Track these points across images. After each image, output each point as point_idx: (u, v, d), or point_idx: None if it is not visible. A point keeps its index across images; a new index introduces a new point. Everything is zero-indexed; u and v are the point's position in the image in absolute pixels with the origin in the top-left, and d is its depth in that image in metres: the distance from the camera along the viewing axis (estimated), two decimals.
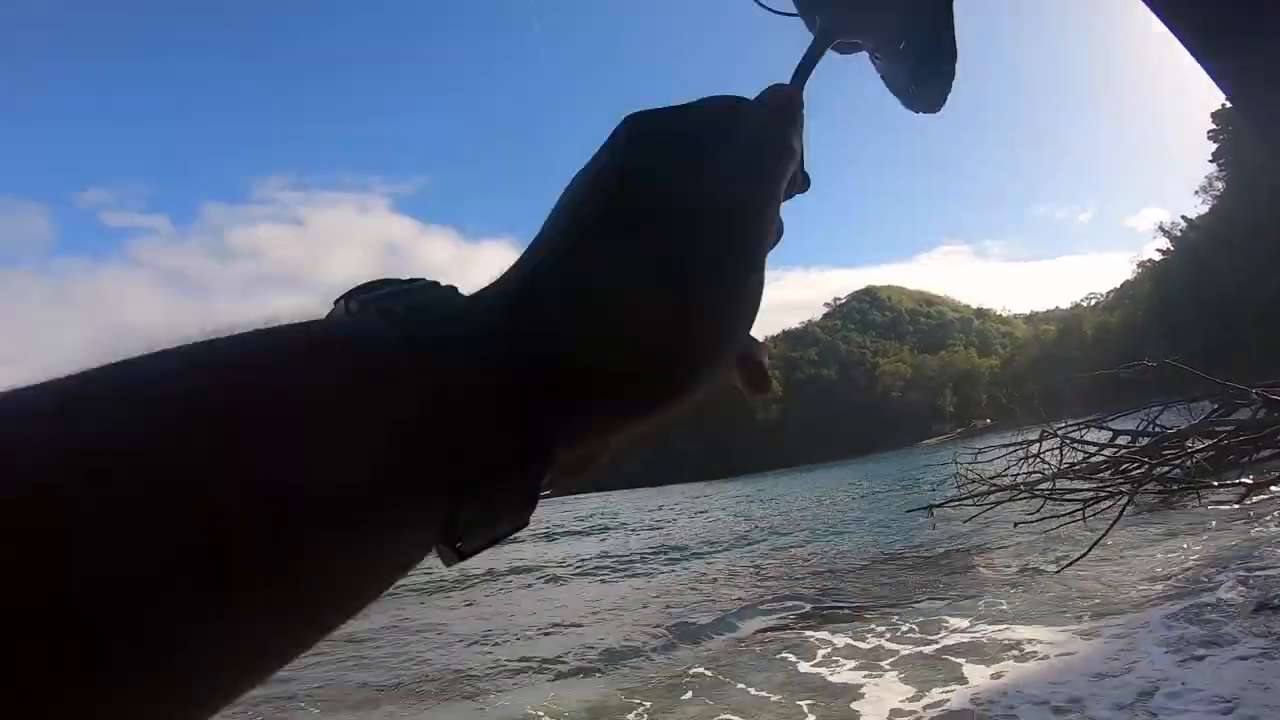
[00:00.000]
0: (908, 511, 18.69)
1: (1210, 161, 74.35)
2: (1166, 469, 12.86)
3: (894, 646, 8.35)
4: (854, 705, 6.78)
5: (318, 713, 8.44)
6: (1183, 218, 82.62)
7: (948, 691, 6.72)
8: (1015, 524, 14.92)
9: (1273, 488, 12.26)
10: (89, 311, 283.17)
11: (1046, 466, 16.92)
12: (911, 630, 8.76)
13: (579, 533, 32.65)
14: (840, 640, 8.80)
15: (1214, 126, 70.78)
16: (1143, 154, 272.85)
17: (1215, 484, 11.96)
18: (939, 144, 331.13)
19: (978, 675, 6.93)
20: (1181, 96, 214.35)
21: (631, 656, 9.46)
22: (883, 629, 9.04)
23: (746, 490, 56.94)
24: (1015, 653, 7.29)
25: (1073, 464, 16.11)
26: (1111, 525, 9.80)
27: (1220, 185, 73.35)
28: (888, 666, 7.69)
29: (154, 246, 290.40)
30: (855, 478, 53.60)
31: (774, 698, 7.26)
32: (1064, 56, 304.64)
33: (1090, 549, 9.67)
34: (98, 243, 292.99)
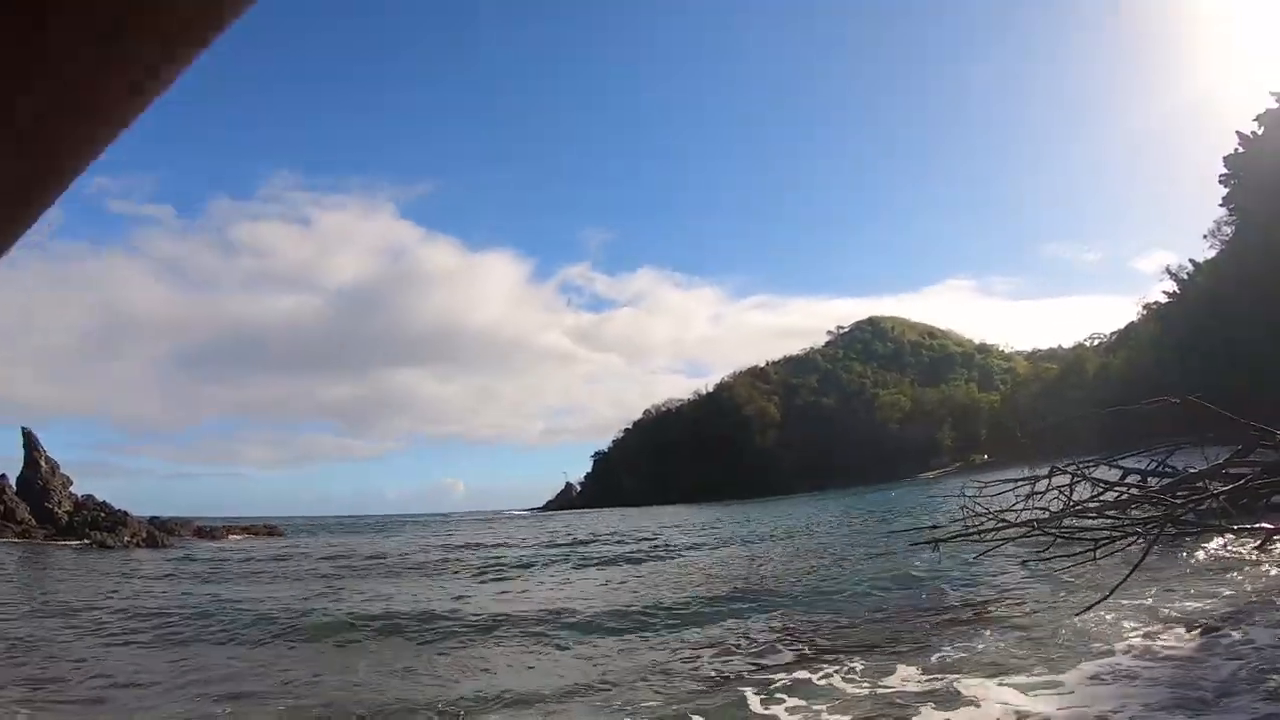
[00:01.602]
0: (912, 545, 18.33)
1: (1220, 206, 74.36)
2: (1184, 511, 12.51)
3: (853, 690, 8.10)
4: None
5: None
6: (1190, 261, 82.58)
7: None
8: (1024, 562, 14.63)
9: None
10: (87, 295, 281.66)
11: (1054, 503, 16.56)
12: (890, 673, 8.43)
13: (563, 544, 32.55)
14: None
15: (1225, 171, 70.79)
16: (1152, 196, 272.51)
17: (1234, 527, 11.63)
18: (948, 177, 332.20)
19: None
20: (1194, 140, 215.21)
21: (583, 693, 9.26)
22: (849, 672, 8.74)
23: (735, 516, 56.59)
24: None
25: (1081, 502, 15.73)
26: (1134, 568, 9.44)
27: (1229, 230, 73.29)
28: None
29: (157, 236, 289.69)
30: (851, 508, 53.29)
31: None
32: (1079, 97, 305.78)
33: (1112, 593, 9.31)
34: (101, 229, 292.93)
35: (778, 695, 8.20)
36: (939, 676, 8.06)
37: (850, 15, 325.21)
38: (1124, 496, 15.35)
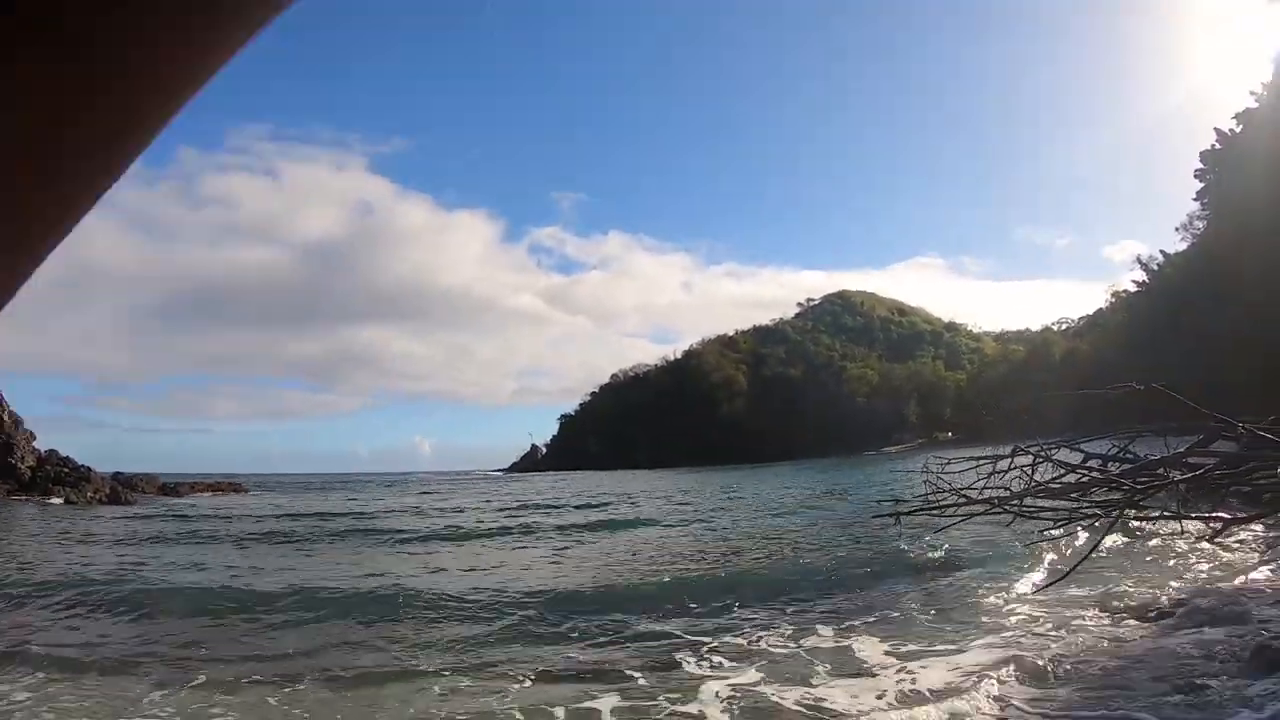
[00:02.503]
0: (874, 517, 18.49)
1: (1194, 200, 75.06)
2: (1143, 497, 12.64)
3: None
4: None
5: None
6: (1161, 252, 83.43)
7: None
8: (983, 539, 14.80)
9: (1246, 525, 12.12)
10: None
11: (1016, 483, 16.69)
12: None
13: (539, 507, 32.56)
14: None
15: (1201, 166, 71.38)
16: (1127, 187, 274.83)
17: (1191, 516, 11.76)
18: (923, 154, 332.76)
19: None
20: (1173, 134, 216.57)
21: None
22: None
23: (699, 484, 56.88)
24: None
25: (1043, 483, 15.87)
26: (1089, 552, 9.52)
27: (1201, 225, 74.04)
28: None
29: (124, 187, 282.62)
30: (815, 478, 53.69)
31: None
32: (1058, 81, 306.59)
33: (1067, 574, 9.41)
34: None
35: (706, 655, 8.31)
36: (857, 643, 8.19)
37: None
38: (1085, 479, 15.47)
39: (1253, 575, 10.06)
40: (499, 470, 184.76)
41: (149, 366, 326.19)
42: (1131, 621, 8.26)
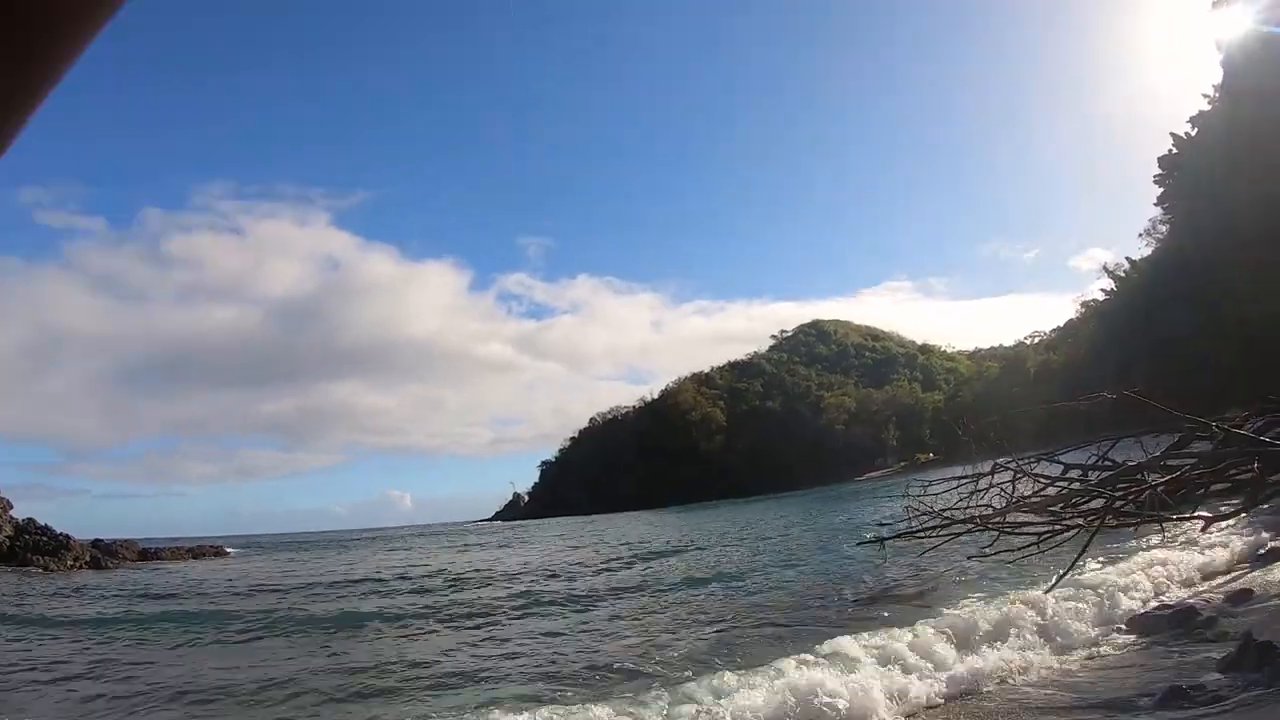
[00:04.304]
0: (858, 544, 18.32)
1: (1155, 205, 76.05)
2: (1124, 503, 12.57)
3: None
4: None
5: None
6: (1126, 259, 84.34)
7: None
8: (969, 558, 14.65)
9: (1227, 522, 12.06)
10: (20, 311, 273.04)
11: (997, 500, 16.60)
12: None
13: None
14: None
15: (1160, 171, 72.48)
16: (1089, 196, 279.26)
17: (1173, 517, 11.70)
18: (883, 180, 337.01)
19: None
20: (1129, 140, 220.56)
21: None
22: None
23: (682, 524, 56.53)
24: None
25: (1024, 498, 15.78)
26: (1074, 562, 9.41)
27: (1164, 228, 74.96)
28: None
29: (90, 249, 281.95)
30: (799, 510, 53.48)
31: None
32: (1011, 97, 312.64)
33: (1053, 586, 9.27)
34: (31, 242, 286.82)
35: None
36: (849, 663, 7.98)
37: (782, 30, 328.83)
38: (1066, 491, 15.39)
39: (1235, 572, 9.97)
40: (481, 520, 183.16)
41: (119, 431, 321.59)
42: (1121, 627, 8.13)
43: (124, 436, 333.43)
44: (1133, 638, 7.87)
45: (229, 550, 62.00)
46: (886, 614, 11.08)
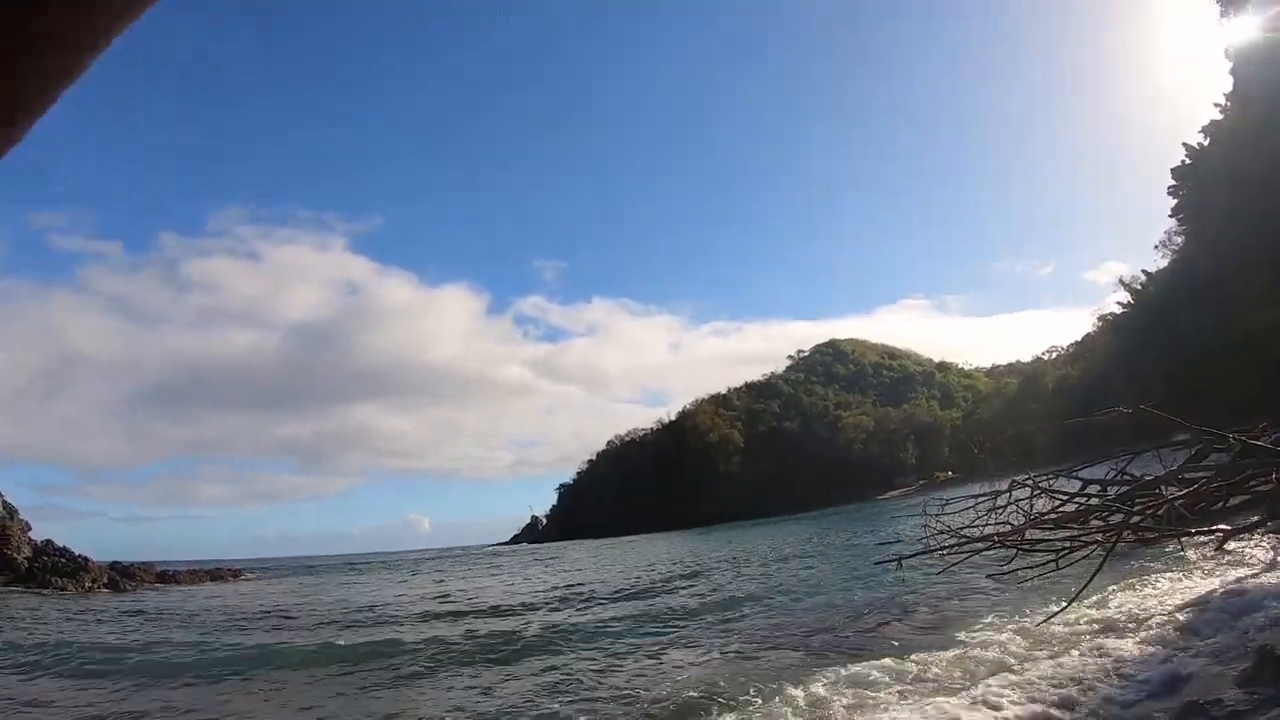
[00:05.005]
0: (876, 563, 18.22)
1: (1170, 217, 75.51)
2: (1141, 517, 12.49)
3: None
4: None
5: None
6: (1143, 271, 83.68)
7: None
8: (987, 576, 14.55)
9: (1247, 535, 11.93)
10: (35, 335, 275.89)
11: (1015, 517, 16.53)
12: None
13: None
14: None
15: (1174, 183, 72.05)
16: (1104, 209, 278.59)
17: (1192, 531, 11.60)
18: (898, 198, 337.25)
19: None
20: (1143, 152, 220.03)
21: None
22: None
23: (703, 546, 56.27)
24: None
25: (1042, 514, 15.70)
26: (1091, 577, 9.34)
27: (1179, 240, 74.41)
28: None
29: (104, 273, 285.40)
30: (817, 530, 53.20)
31: None
32: (1025, 112, 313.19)
33: (1071, 602, 9.21)
34: (47, 266, 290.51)
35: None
36: (877, 690, 7.92)
37: (799, 48, 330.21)
38: (1083, 507, 15.30)
39: (1255, 583, 9.84)
40: (501, 543, 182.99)
41: (135, 453, 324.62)
42: (1138, 641, 8.04)
43: (141, 459, 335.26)
44: (1150, 650, 7.79)
45: (246, 574, 62.01)
46: (898, 641, 10.98)
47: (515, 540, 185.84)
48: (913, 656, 9.45)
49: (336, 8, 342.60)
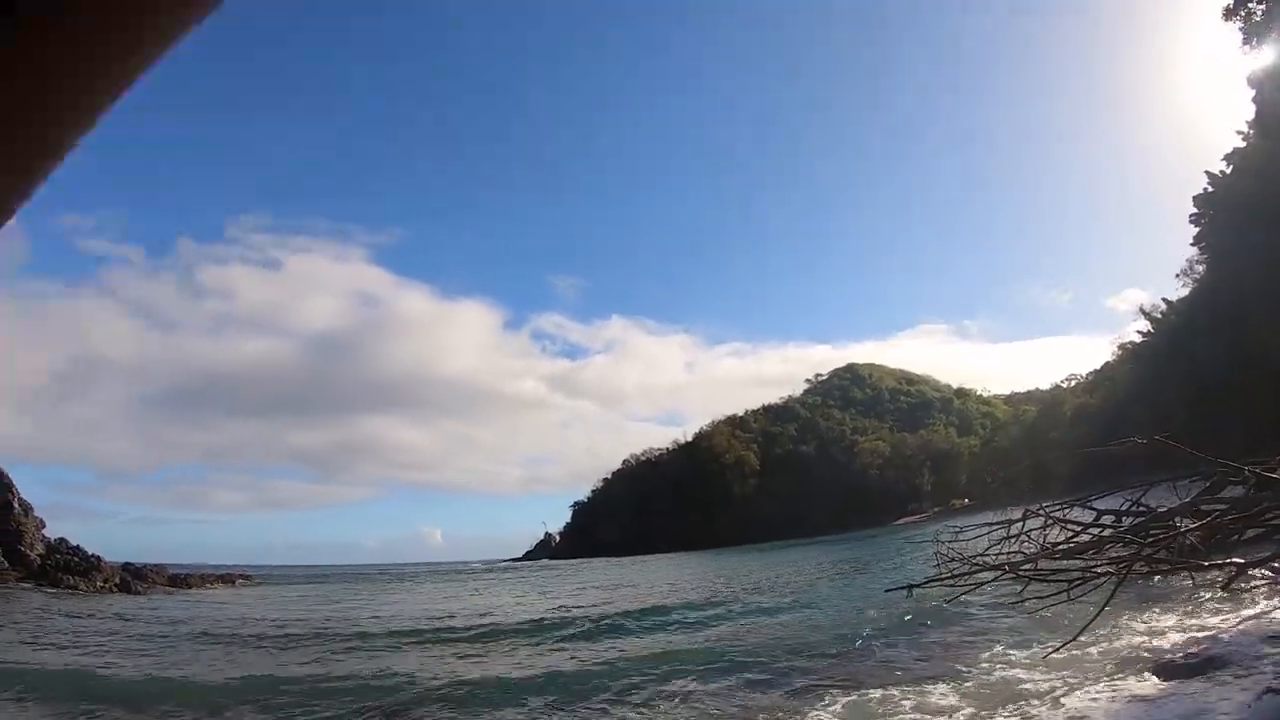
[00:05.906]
0: (887, 591, 18.11)
1: (1191, 245, 75.03)
2: (1155, 549, 12.36)
3: None
4: None
5: None
6: (1163, 299, 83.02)
7: None
8: (998, 605, 14.44)
9: (1261, 569, 11.80)
10: (58, 335, 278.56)
11: (1028, 546, 16.43)
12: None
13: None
14: None
15: (1195, 210, 71.63)
16: (1124, 237, 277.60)
17: (1205, 564, 11.46)
18: (918, 223, 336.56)
19: None
20: (1165, 179, 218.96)
21: None
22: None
23: (716, 568, 56.11)
24: None
25: (1056, 544, 15.59)
26: (1101, 609, 9.24)
27: (1201, 269, 73.89)
28: None
29: (126, 277, 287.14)
30: (830, 556, 52.95)
31: None
32: (1048, 138, 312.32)
33: (1079, 634, 9.12)
34: (71, 267, 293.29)
35: None
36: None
37: (819, 67, 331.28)
38: (1097, 537, 15.18)
39: (1270, 618, 9.73)
40: (513, 559, 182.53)
41: (152, 456, 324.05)
42: (1149, 675, 7.96)
43: (157, 462, 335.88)
44: (1160, 683, 7.71)
45: (257, 579, 62.31)
46: (905, 670, 10.93)
47: (529, 556, 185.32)
48: (921, 686, 9.40)
49: (367, 19, 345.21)
